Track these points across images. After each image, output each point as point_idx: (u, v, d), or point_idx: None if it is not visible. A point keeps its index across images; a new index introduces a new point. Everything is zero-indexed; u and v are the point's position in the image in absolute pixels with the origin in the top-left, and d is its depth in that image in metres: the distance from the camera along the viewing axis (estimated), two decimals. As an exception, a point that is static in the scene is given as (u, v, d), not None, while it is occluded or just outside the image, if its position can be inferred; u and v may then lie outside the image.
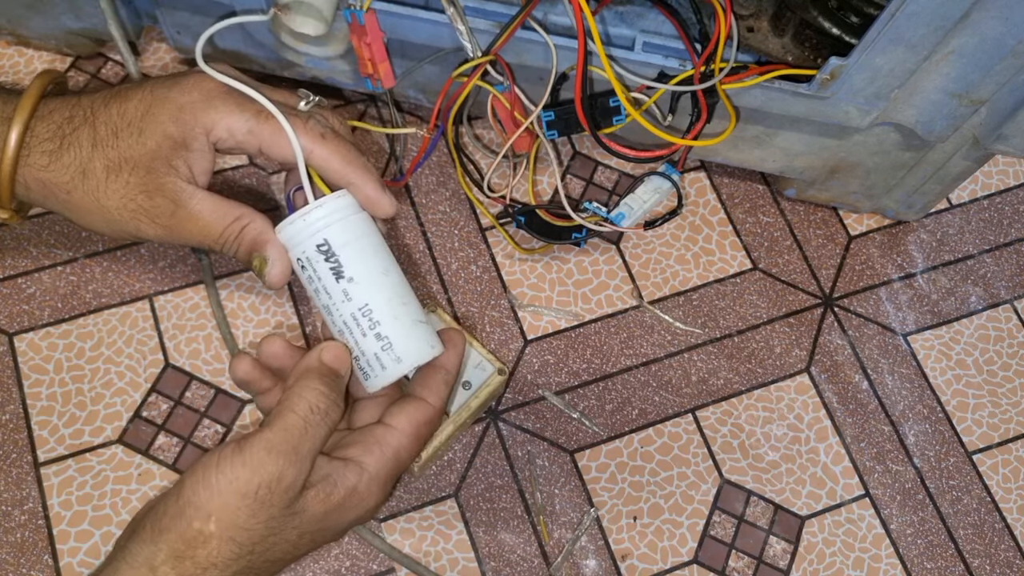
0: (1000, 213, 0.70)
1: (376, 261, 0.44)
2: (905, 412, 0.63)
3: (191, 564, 0.38)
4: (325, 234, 0.43)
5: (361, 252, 0.44)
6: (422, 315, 0.45)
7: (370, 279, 0.44)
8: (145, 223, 0.45)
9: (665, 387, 0.62)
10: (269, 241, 0.45)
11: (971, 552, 0.60)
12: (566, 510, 0.59)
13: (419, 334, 0.44)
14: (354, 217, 0.44)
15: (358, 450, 0.43)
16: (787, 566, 0.58)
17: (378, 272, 0.44)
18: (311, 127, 0.45)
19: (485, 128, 0.67)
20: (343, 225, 0.44)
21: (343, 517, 0.42)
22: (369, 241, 0.44)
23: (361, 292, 0.43)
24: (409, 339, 0.44)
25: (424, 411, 0.45)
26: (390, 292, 0.44)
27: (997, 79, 0.49)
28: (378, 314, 0.43)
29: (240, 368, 0.45)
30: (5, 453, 0.57)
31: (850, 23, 0.50)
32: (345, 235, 0.43)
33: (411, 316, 0.44)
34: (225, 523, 0.39)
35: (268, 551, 0.40)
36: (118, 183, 0.44)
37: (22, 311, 0.61)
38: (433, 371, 0.47)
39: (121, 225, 0.45)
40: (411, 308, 0.45)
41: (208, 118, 0.44)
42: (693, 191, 0.68)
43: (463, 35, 0.51)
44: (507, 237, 0.64)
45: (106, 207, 0.44)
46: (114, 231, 0.46)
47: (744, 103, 0.55)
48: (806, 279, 0.66)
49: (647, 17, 0.54)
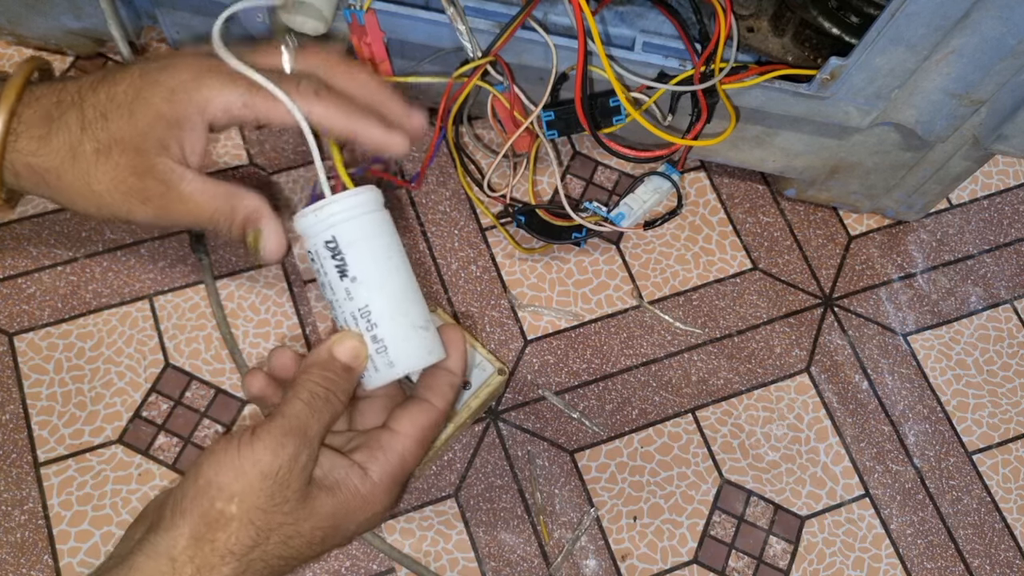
0: (1000, 213, 0.70)
1: (382, 263, 0.44)
2: (905, 412, 0.63)
3: (210, 550, 0.38)
4: (334, 231, 0.43)
5: (367, 253, 0.43)
6: (424, 320, 0.45)
7: (372, 281, 0.43)
8: (136, 205, 0.44)
9: (665, 387, 0.62)
10: (264, 216, 0.45)
11: (971, 552, 0.60)
12: (566, 510, 0.59)
13: (417, 341, 0.44)
14: (366, 216, 0.44)
15: (363, 455, 0.43)
16: (787, 566, 0.58)
17: (382, 274, 0.44)
18: (304, 89, 0.44)
19: (485, 128, 0.67)
20: (353, 224, 0.43)
21: (350, 518, 0.42)
22: (379, 242, 0.44)
23: (362, 293, 0.43)
24: (404, 345, 0.44)
25: (428, 415, 0.45)
26: (392, 296, 0.44)
27: (997, 79, 0.49)
28: (376, 316, 0.43)
29: (255, 385, 0.45)
30: (5, 453, 0.57)
31: (850, 23, 0.50)
32: (353, 234, 0.43)
33: (411, 322, 0.44)
34: (247, 505, 0.39)
35: (283, 544, 0.40)
36: (108, 165, 0.43)
37: (22, 311, 0.61)
38: (438, 374, 0.46)
39: (112, 208, 0.45)
40: (412, 313, 0.44)
41: (201, 96, 0.43)
42: (693, 191, 0.68)
43: (463, 35, 0.51)
44: (507, 236, 0.64)
45: (97, 191, 0.44)
46: (105, 214, 0.45)
47: (744, 103, 0.55)
48: (806, 279, 0.66)
49: (647, 17, 0.54)
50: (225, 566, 0.38)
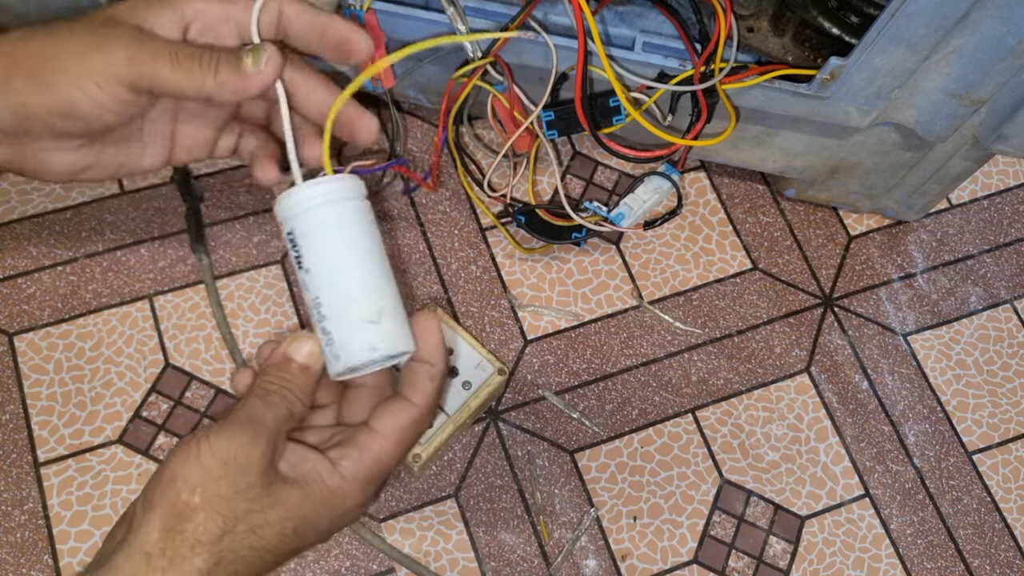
0: (1000, 213, 0.70)
1: (336, 255, 0.43)
2: (905, 412, 0.63)
3: (180, 541, 0.39)
4: (292, 223, 0.43)
5: (319, 245, 0.43)
6: (376, 314, 0.43)
7: (323, 273, 0.43)
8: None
9: (665, 387, 0.62)
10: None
11: (971, 552, 0.60)
12: (566, 510, 0.59)
13: (362, 335, 0.43)
14: (325, 208, 0.43)
15: (337, 452, 0.43)
16: (787, 566, 0.58)
17: (334, 267, 0.43)
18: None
19: (485, 128, 0.67)
20: (310, 216, 0.42)
21: (319, 512, 0.43)
22: (336, 234, 0.43)
23: (314, 284, 0.43)
24: (349, 338, 0.43)
25: (407, 413, 0.44)
26: (344, 288, 0.43)
27: (997, 79, 0.49)
28: (326, 308, 0.43)
29: (243, 382, 0.45)
30: (5, 453, 0.57)
31: (850, 23, 0.50)
32: (307, 226, 0.42)
33: (361, 316, 0.43)
34: (209, 494, 0.39)
35: (251, 533, 0.40)
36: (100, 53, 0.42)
37: (22, 311, 0.61)
38: (414, 367, 0.45)
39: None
40: (365, 307, 0.43)
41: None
42: (693, 191, 0.68)
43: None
44: (508, 236, 0.64)
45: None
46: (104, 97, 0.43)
47: (744, 103, 0.55)
48: (806, 279, 0.66)
49: (647, 17, 0.54)
50: (196, 556, 0.39)
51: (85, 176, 0.46)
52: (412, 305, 0.63)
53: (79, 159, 0.45)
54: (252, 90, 0.43)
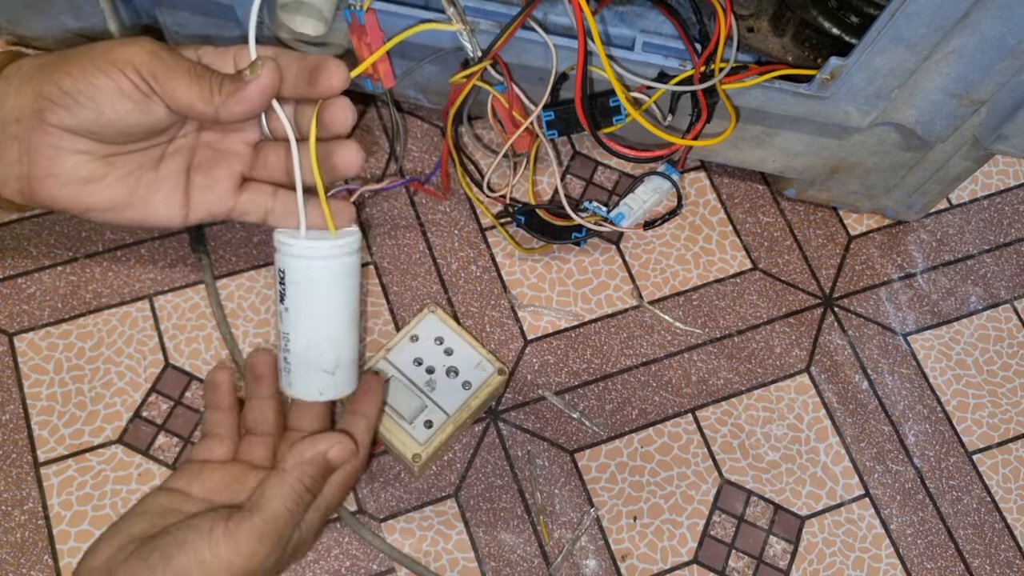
0: (1000, 213, 0.70)
1: (314, 308, 0.48)
2: (905, 412, 0.63)
3: None
4: (285, 263, 0.47)
5: (305, 296, 0.48)
6: (333, 366, 0.49)
7: (300, 319, 0.48)
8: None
9: (665, 387, 0.62)
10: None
11: (971, 552, 0.60)
12: (566, 510, 0.59)
13: (316, 380, 0.49)
14: (316, 263, 0.47)
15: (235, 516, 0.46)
16: (787, 566, 0.58)
17: (310, 317, 0.48)
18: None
19: (485, 128, 0.67)
20: (301, 266, 0.47)
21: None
22: (321, 292, 0.48)
23: (288, 321, 0.48)
24: (304, 379, 0.49)
25: (333, 452, 0.49)
26: (311, 339, 0.48)
27: (997, 79, 0.49)
28: (292, 346, 0.49)
29: (219, 375, 0.52)
30: (5, 453, 0.57)
31: (850, 23, 0.50)
32: (297, 276, 0.47)
33: (318, 364, 0.49)
34: None
35: None
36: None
37: (22, 311, 0.61)
38: (353, 416, 0.52)
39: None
40: (325, 358, 0.49)
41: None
42: (693, 191, 0.68)
43: (463, 35, 0.51)
44: (507, 236, 0.64)
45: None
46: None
47: (744, 103, 0.55)
48: (806, 279, 0.66)
49: (647, 17, 0.54)
50: None
51: (93, 196, 0.46)
52: (412, 307, 0.63)
53: (91, 167, 0.45)
54: (252, 95, 0.44)
